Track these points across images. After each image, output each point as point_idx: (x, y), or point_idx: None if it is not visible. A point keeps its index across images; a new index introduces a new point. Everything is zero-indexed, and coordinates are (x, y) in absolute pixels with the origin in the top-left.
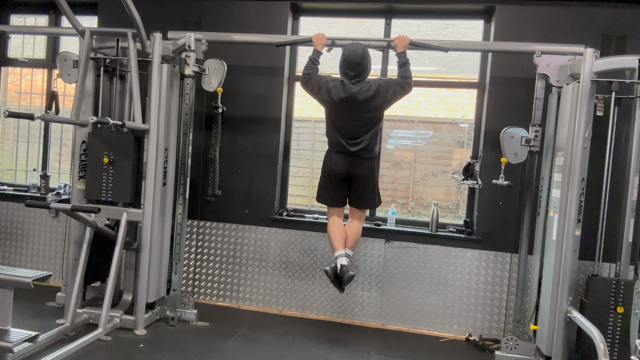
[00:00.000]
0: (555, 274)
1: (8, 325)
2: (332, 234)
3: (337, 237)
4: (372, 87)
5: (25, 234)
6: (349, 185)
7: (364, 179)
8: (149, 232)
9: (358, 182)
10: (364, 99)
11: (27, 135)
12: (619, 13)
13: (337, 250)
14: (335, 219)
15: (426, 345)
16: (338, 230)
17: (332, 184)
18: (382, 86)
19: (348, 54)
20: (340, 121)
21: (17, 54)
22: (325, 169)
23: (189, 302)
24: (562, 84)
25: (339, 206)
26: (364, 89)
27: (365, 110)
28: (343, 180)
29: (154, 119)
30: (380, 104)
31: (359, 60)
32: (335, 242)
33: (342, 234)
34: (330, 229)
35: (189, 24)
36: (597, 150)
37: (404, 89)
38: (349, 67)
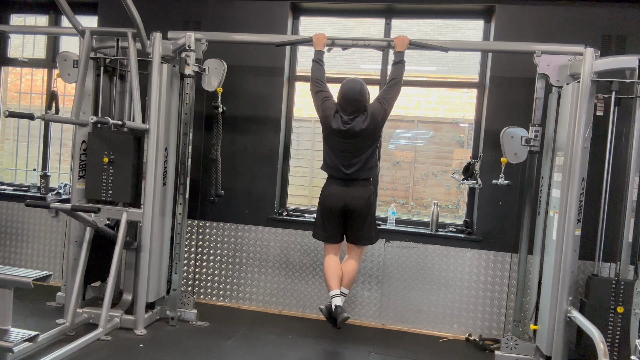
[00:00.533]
0: (555, 273)
1: (8, 324)
2: (328, 273)
3: (332, 275)
4: (367, 117)
5: (25, 234)
6: (345, 221)
7: (361, 212)
8: (149, 232)
9: (354, 216)
10: (359, 130)
11: (27, 135)
12: (619, 13)
13: (332, 290)
14: (332, 257)
15: (426, 345)
16: (334, 268)
17: (329, 219)
18: (374, 113)
19: (346, 91)
20: (336, 144)
21: (17, 53)
22: (321, 203)
23: (189, 301)
24: (562, 83)
25: (335, 243)
26: (359, 121)
27: (361, 138)
28: (339, 215)
29: (154, 118)
30: (374, 130)
31: (357, 97)
32: (330, 281)
33: (337, 272)
34: (326, 267)
35: (189, 24)
36: (597, 150)
37: (391, 99)
38: (347, 104)
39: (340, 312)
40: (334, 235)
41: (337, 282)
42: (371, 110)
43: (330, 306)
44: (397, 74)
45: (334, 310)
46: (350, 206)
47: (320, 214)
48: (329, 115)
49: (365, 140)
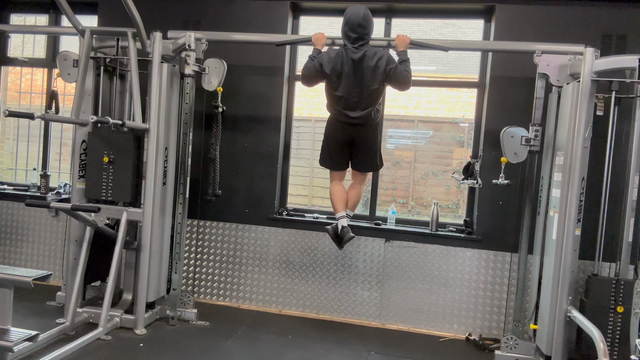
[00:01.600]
0: (555, 273)
1: (8, 324)
2: (334, 197)
3: (339, 199)
4: (378, 55)
5: (25, 234)
6: (351, 150)
7: (366, 144)
8: (149, 232)
9: (360, 147)
10: (368, 66)
11: (27, 135)
12: (619, 12)
13: (339, 212)
14: (337, 183)
15: (426, 345)
16: (340, 192)
17: (335, 149)
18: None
19: (350, 16)
20: (341, 91)
21: (17, 53)
22: (327, 134)
23: (189, 301)
24: (562, 83)
25: (341, 169)
26: (369, 55)
27: (368, 79)
28: (345, 145)
29: (154, 118)
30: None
31: (361, 22)
32: (337, 205)
33: (343, 196)
34: (332, 191)
35: (189, 24)
36: (597, 150)
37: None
38: (351, 30)
39: (346, 232)
40: (340, 163)
41: (343, 205)
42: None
43: (336, 227)
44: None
45: (341, 231)
46: (355, 139)
47: (325, 144)
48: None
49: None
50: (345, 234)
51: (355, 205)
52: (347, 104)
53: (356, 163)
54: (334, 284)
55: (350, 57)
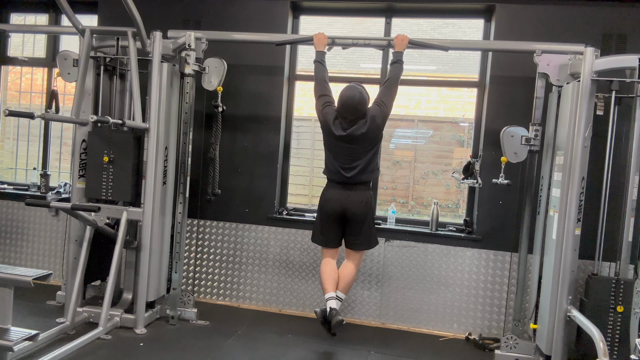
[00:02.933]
0: (555, 273)
1: (8, 323)
2: (324, 275)
3: (328, 278)
4: (366, 121)
5: (25, 233)
6: (344, 225)
7: (359, 217)
8: (149, 231)
9: (352, 221)
10: (359, 135)
11: (27, 134)
12: (619, 12)
13: (328, 293)
14: (328, 260)
15: (426, 344)
16: (330, 271)
17: (328, 224)
18: (373, 117)
19: (345, 101)
20: (337, 149)
21: (17, 52)
22: (320, 206)
23: (189, 301)
24: (563, 83)
25: (332, 247)
26: (359, 126)
27: (361, 142)
28: (338, 219)
29: (154, 117)
30: (374, 133)
31: (356, 106)
32: (326, 284)
33: (334, 276)
34: (322, 270)
35: (189, 23)
36: (597, 150)
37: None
38: (346, 112)
39: (335, 315)
40: (332, 239)
41: (333, 285)
42: (370, 115)
43: (325, 310)
44: (393, 74)
45: (329, 313)
46: (349, 210)
47: (319, 218)
48: (329, 120)
49: (365, 143)
50: (334, 316)
51: (348, 287)
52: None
53: (348, 240)
54: None
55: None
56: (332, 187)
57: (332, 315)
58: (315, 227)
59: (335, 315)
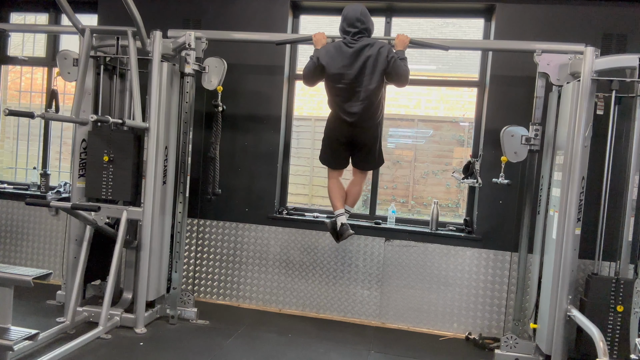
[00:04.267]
0: (555, 272)
1: (8, 323)
2: (333, 193)
3: (337, 196)
4: (379, 44)
5: (25, 233)
6: (352, 149)
7: (366, 145)
8: (149, 231)
9: (360, 145)
10: (369, 55)
11: (27, 134)
12: (619, 11)
13: (338, 209)
14: (336, 180)
15: (426, 344)
16: (339, 189)
17: (335, 147)
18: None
19: (347, 13)
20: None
21: (17, 52)
22: (327, 132)
23: (189, 300)
24: (563, 82)
25: (340, 168)
26: (369, 44)
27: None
28: (345, 143)
29: (154, 117)
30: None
31: (359, 16)
32: (335, 201)
33: (342, 193)
34: (330, 187)
35: (189, 22)
36: (597, 149)
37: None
38: (349, 25)
39: (345, 229)
40: (341, 162)
41: (342, 202)
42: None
43: (335, 222)
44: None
45: (340, 227)
46: (358, 140)
47: (326, 142)
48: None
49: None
50: (345, 231)
51: (355, 202)
52: (347, 97)
53: (357, 162)
54: (334, 283)
55: (350, 48)
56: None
57: (343, 230)
58: (323, 148)
59: (347, 229)
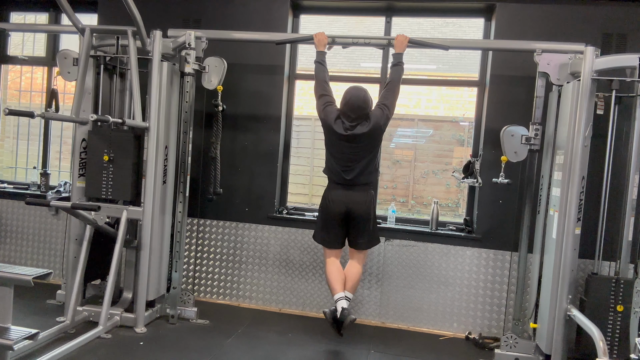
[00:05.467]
0: (555, 272)
1: (8, 322)
2: (331, 277)
3: (336, 279)
4: (369, 123)
5: (25, 232)
6: (347, 226)
7: (362, 217)
8: (149, 230)
9: (355, 221)
10: (361, 134)
11: (27, 133)
12: (619, 11)
13: (337, 293)
14: (333, 261)
15: (426, 344)
16: (337, 272)
17: (332, 224)
18: (376, 119)
19: (349, 99)
20: (338, 149)
21: (17, 51)
22: (323, 207)
23: (189, 300)
24: (563, 82)
25: (336, 248)
26: (362, 126)
27: (362, 143)
28: (341, 220)
29: (154, 117)
30: (375, 135)
31: (361, 104)
32: (334, 285)
33: (341, 276)
34: (328, 271)
35: (189, 22)
36: (597, 149)
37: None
38: (350, 111)
39: (347, 315)
40: (336, 240)
41: (341, 285)
42: (373, 117)
43: (334, 310)
44: (394, 77)
45: (341, 313)
46: (352, 211)
47: (322, 219)
48: (330, 120)
49: (366, 144)
50: (346, 316)
51: (355, 286)
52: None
53: (354, 240)
54: None
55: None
56: (335, 187)
57: (344, 316)
58: (317, 227)
59: (348, 315)
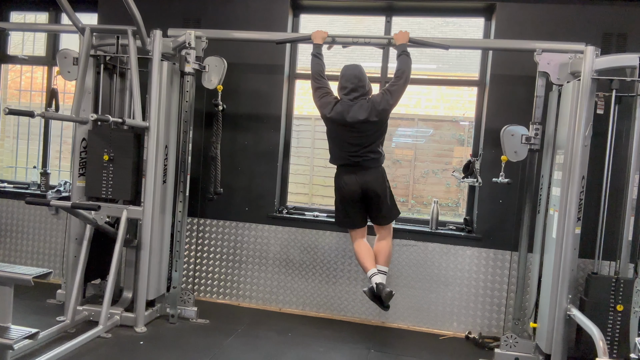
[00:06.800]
0: (555, 271)
1: (8, 322)
2: (360, 255)
3: (365, 257)
4: (368, 106)
5: (25, 232)
6: (365, 203)
7: (377, 194)
8: (149, 230)
9: (372, 198)
10: (361, 120)
11: (27, 133)
12: (619, 11)
13: (369, 270)
14: (360, 241)
15: (426, 343)
16: (365, 250)
17: (350, 206)
18: (375, 101)
19: (345, 71)
20: (339, 136)
21: (17, 51)
22: (338, 191)
23: (189, 299)
24: (563, 81)
25: (360, 227)
26: (360, 109)
27: (362, 128)
28: (358, 200)
29: (154, 116)
30: (375, 120)
31: (357, 74)
32: (365, 263)
33: (370, 253)
34: (356, 250)
35: (189, 22)
36: (597, 149)
37: (395, 91)
38: (346, 82)
39: (382, 289)
40: (358, 220)
41: (372, 262)
42: (373, 99)
43: (372, 287)
44: (402, 66)
45: (377, 288)
46: (367, 189)
47: (340, 202)
48: (328, 107)
49: (368, 130)
50: (382, 290)
51: (387, 259)
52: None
53: (373, 216)
54: (333, 282)
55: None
56: (345, 171)
57: (380, 290)
58: (337, 211)
59: (384, 288)
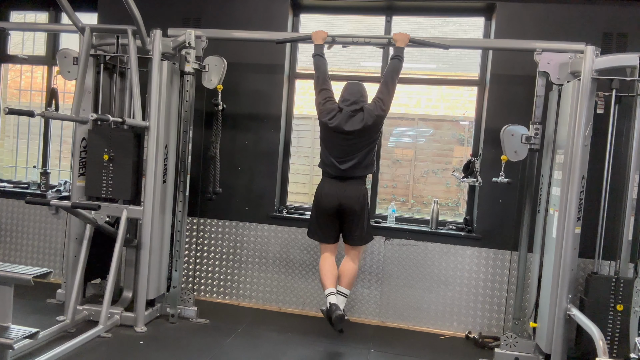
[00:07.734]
0: (555, 271)
1: (8, 321)
2: (323, 272)
3: (327, 274)
4: (363, 117)
5: (25, 231)
6: (341, 220)
7: (354, 212)
8: (149, 230)
9: (348, 216)
10: (355, 130)
11: (27, 132)
12: (620, 10)
13: (327, 289)
14: (327, 256)
15: (426, 343)
16: (329, 267)
17: (325, 219)
18: (369, 112)
19: (348, 85)
20: (332, 142)
21: (17, 50)
22: (316, 202)
23: (189, 299)
24: (563, 81)
25: (330, 243)
26: (356, 120)
27: (357, 137)
28: (334, 215)
29: (154, 116)
30: (369, 129)
31: (359, 89)
32: (325, 280)
33: (333, 272)
34: (321, 266)
35: (189, 21)
36: (597, 148)
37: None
38: (349, 94)
39: (334, 310)
40: (330, 235)
41: (332, 281)
42: (367, 110)
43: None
44: (389, 70)
45: (329, 309)
46: (345, 205)
47: (315, 214)
48: (329, 115)
49: (361, 139)
50: (333, 312)
51: (350, 283)
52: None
53: (347, 235)
54: None
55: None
56: (328, 182)
57: (332, 311)
58: (311, 222)
59: (336, 310)
